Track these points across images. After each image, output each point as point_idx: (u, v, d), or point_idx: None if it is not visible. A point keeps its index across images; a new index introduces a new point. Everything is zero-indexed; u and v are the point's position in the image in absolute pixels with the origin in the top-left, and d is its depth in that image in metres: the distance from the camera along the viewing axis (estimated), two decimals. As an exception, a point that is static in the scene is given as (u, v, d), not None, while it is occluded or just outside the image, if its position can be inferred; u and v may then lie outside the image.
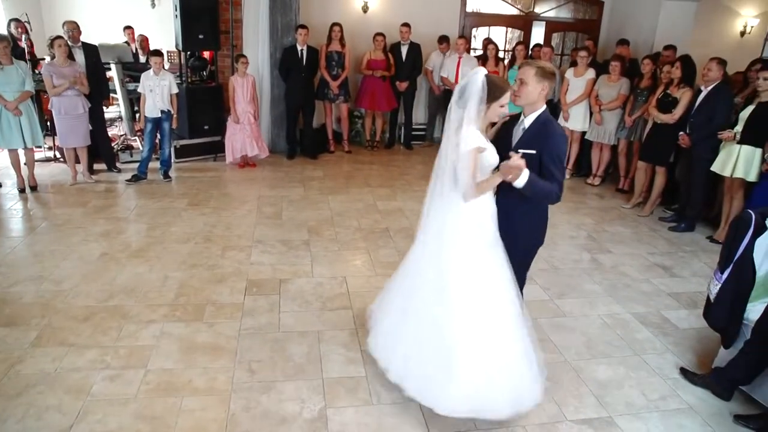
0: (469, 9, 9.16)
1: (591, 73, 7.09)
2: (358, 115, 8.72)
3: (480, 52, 8.80)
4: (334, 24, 7.77)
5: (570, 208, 6.39)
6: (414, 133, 8.89)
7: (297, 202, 6.12)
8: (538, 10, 9.41)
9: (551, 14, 9.47)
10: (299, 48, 7.46)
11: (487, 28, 9.43)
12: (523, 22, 9.43)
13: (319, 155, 8.01)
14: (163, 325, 3.66)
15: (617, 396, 3.20)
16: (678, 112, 5.77)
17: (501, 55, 8.56)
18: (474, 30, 9.41)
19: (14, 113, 5.82)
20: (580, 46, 7.74)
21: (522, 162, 2.66)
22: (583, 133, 7.26)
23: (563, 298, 4.30)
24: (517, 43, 8.23)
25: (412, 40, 8.20)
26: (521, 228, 2.99)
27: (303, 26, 7.46)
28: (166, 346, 3.43)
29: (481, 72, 2.74)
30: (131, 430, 2.76)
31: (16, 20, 7.50)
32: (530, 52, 8.21)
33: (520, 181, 2.69)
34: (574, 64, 7.45)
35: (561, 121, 7.41)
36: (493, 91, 2.74)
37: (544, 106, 2.90)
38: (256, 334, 3.61)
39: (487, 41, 8.24)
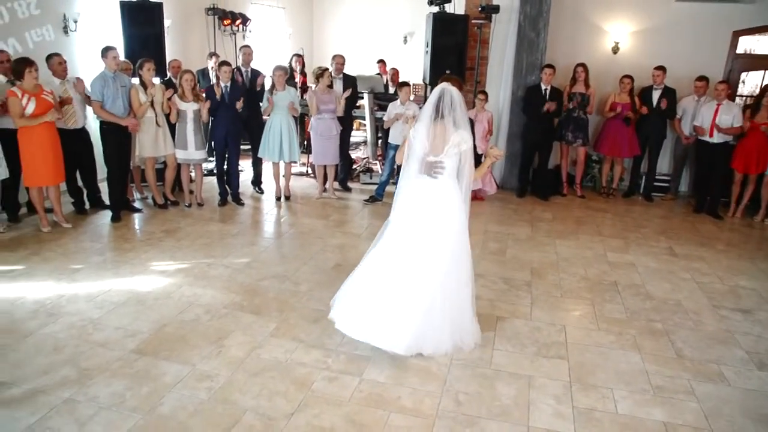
0: (740, 50, 8.16)
1: None
2: (596, 160, 8.31)
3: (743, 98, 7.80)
4: (579, 65, 7.57)
5: None
6: (656, 183, 8.15)
7: (523, 242, 6.00)
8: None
9: None
10: (543, 87, 7.39)
11: (762, 72, 8.30)
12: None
13: (550, 197, 7.79)
14: (381, 339, 3.83)
15: None
16: None
17: None
18: (743, 75, 8.36)
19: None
20: None
21: None
22: None
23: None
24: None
25: (666, 84, 7.60)
26: None
27: (550, 66, 7.38)
28: (382, 361, 3.58)
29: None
30: (341, 431, 2.92)
31: (297, 55, 9.10)
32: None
33: None
34: None
35: None
36: None
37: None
38: (467, 366, 3.58)
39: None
